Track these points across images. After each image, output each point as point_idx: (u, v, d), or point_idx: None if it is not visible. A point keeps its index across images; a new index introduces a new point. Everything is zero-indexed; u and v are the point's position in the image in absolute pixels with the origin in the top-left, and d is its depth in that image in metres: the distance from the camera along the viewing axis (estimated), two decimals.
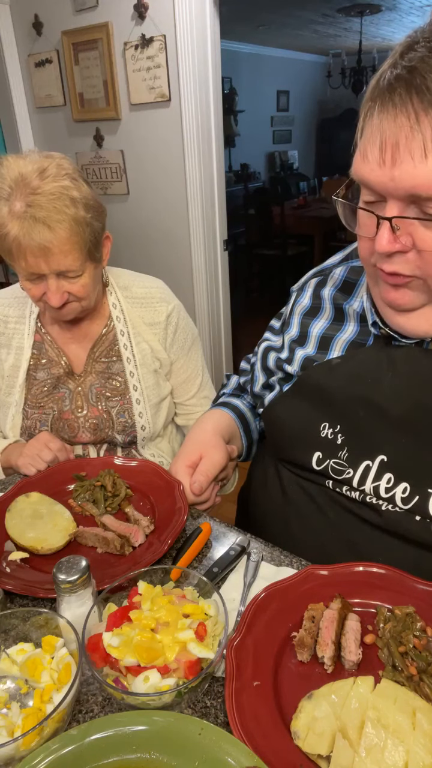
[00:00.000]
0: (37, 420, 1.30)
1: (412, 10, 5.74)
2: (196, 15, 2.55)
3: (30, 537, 0.93)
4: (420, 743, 0.55)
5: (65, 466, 1.16)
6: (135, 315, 1.35)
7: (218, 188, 2.97)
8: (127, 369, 1.32)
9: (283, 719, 0.61)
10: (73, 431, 1.31)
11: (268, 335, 1.11)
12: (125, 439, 1.33)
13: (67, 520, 0.98)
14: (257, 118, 7.53)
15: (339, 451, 0.85)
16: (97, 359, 1.33)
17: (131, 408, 1.32)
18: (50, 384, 1.31)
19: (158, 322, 1.36)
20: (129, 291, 1.37)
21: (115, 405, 1.32)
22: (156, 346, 1.36)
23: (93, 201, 1.17)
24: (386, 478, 0.80)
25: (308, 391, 0.90)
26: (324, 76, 7.11)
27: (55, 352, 1.32)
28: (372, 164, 0.64)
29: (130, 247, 3.33)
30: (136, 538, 0.94)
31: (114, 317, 1.34)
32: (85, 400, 1.31)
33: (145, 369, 1.34)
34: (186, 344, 1.43)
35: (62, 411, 1.31)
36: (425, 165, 0.59)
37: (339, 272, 0.96)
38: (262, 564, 0.87)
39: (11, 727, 0.62)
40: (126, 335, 1.33)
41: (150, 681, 0.64)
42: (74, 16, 2.92)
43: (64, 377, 1.32)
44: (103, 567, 0.89)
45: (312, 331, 0.96)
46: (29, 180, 1.09)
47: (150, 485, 1.08)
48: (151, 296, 1.37)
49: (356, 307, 0.91)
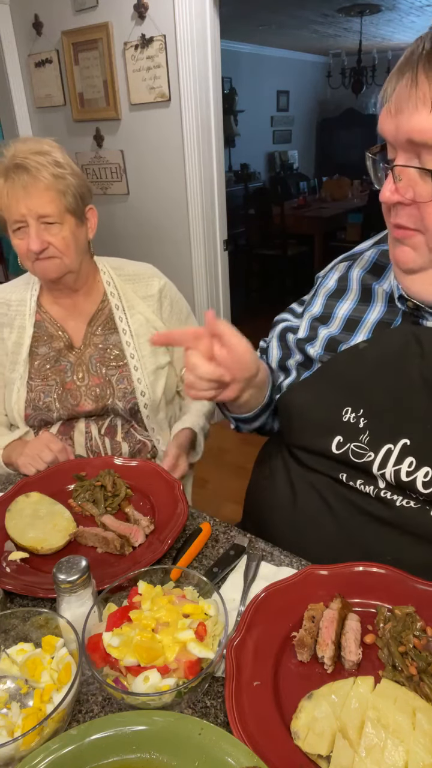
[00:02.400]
0: (41, 392, 1.37)
1: (412, 10, 5.74)
2: (196, 15, 2.55)
3: (30, 537, 0.93)
4: (420, 743, 0.55)
5: (65, 466, 1.16)
6: (128, 290, 1.45)
7: (218, 188, 2.97)
8: (123, 339, 1.41)
9: (283, 719, 0.61)
10: (76, 399, 1.37)
11: (287, 316, 1.11)
12: (126, 405, 1.38)
13: (67, 520, 0.98)
14: (257, 118, 7.54)
15: (361, 434, 0.85)
16: (94, 333, 1.42)
17: (130, 375, 1.39)
18: (52, 357, 1.39)
19: (151, 295, 1.46)
20: (121, 270, 1.47)
21: (114, 373, 1.39)
22: (150, 316, 1.44)
23: (77, 170, 1.30)
24: (408, 461, 0.80)
25: (332, 376, 0.90)
26: (324, 76, 7.12)
27: (55, 328, 1.41)
28: (384, 114, 0.72)
29: (130, 247, 3.33)
30: (136, 538, 0.94)
31: (108, 293, 1.43)
32: (86, 371, 1.39)
33: (141, 339, 1.42)
34: (182, 315, 1.53)
35: (65, 381, 1.38)
36: (418, 114, 0.67)
37: (369, 255, 0.97)
38: (262, 564, 0.87)
39: (11, 727, 0.62)
40: (121, 309, 1.43)
41: (150, 681, 0.64)
42: (74, 16, 2.92)
43: (65, 350, 1.40)
44: (103, 567, 0.89)
45: (337, 312, 0.96)
46: (20, 146, 1.26)
47: (150, 485, 1.08)
48: (143, 273, 1.48)
49: (385, 287, 0.91)
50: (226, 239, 3.13)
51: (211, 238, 3.03)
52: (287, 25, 6.14)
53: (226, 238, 3.13)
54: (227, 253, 3.18)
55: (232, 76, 6.74)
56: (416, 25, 6.36)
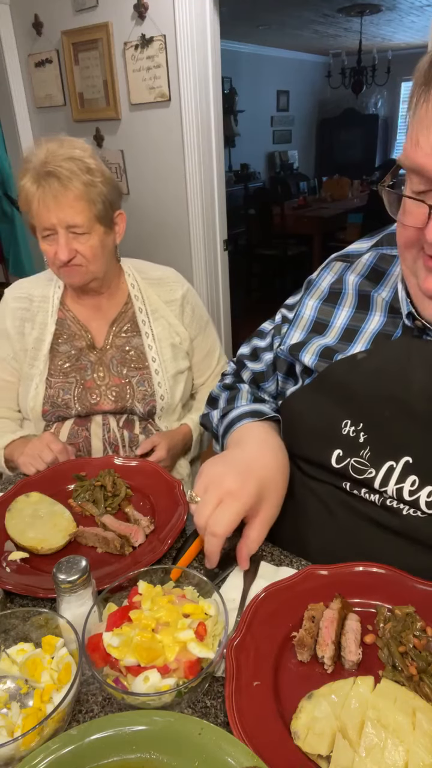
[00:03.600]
0: (60, 389, 1.37)
1: (412, 10, 5.74)
2: (196, 15, 2.55)
3: (30, 537, 0.93)
4: (420, 743, 0.55)
5: (65, 466, 1.16)
6: (152, 293, 1.46)
7: (218, 188, 2.97)
8: (146, 343, 1.42)
9: (283, 719, 0.61)
10: (96, 398, 1.38)
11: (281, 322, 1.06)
12: (145, 408, 1.39)
13: (67, 520, 0.98)
14: (257, 118, 7.54)
15: (361, 449, 0.82)
16: (117, 334, 1.43)
17: (150, 378, 1.40)
18: (73, 356, 1.40)
19: (174, 300, 1.47)
20: (145, 273, 1.48)
21: (135, 375, 1.40)
22: (173, 320, 1.46)
23: (108, 175, 1.30)
24: (410, 480, 0.77)
25: (330, 387, 0.87)
26: (324, 76, 7.12)
27: (78, 327, 1.42)
28: (426, 149, 0.62)
29: (130, 247, 3.32)
30: (136, 538, 0.94)
31: (132, 296, 1.45)
32: (107, 370, 1.40)
33: (163, 343, 1.44)
34: (203, 321, 1.55)
35: (85, 380, 1.39)
36: None
37: (366, 259, 0.92)
38: (262, 564, 0.87)
39: (11, 727, 0.62)
40: (144, 312, 1.44)
41: (150, 681, 0.64)
42: (74, 16, 2.92)
43: (86, 350, 1.41)
44: (103, 567, 0.89)
45: (335, 322, 0.92)
46: (53, 148, 1.24)
47: (150, 485, 1.08)
48: (167, 278, 1.50)
49: (385, 296, 0.87)
50: (226, 239, 3.13)
51: (211, 238, 3.03)
52: (287, 25, 6.14)
53: (226, 238, 3.13)
54: (227, 253, 3.18)
55: (232, 76, 6.74)
56: (416, 25, 6.37)
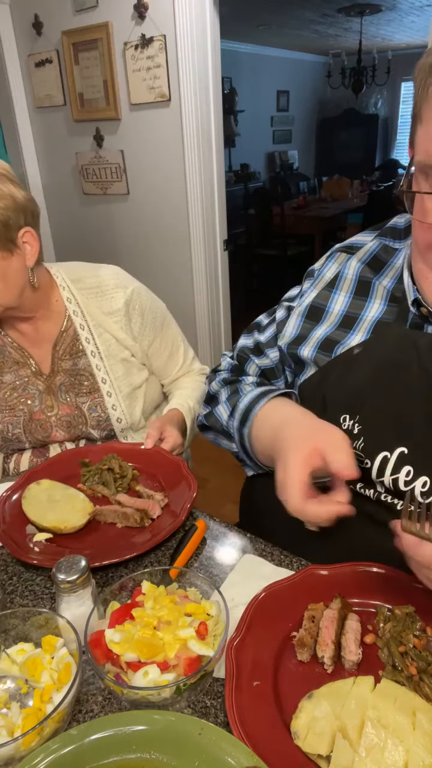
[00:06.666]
0: (9, 423, 1.27)
1: (412, 10, 5.74)
2: (196, 15, 2.55)
3: (51, 518, 0.95)
4: (420, 743, 0.55)
5: (66, 456, 1.18)
6: (92, 306, 1.29)
7: (218, 188, 2.97)
8: (93, 363, 1.28)
9: (283, 719, 0.61)
10: (46, 431, 1.29)
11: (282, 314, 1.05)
12: (101, 434, 1.31)
13: (83, 501, 1.00)
14: (257, 118, 7.53)
15: (355, 441, 0.82)
16: (61, 358, 1.29)
17: (103, 402, 1.28)
18: (19, 386, 1.28)
19: (117, 310, 1.30)
20: (82, 283, 1.30)
21: (86, 401, 1.29)
22: (120, 334, 1.31)
23: (5, 191, 1.09)
24: (405, 470, 0.78)
25: (330, 381, 0.87)
26: (324, 76, 7.10)
27: (19, 354, 1.29)
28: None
29: (130, 247, 3.33)
30: (154, 511, 0.98)
31: (71, 312, 1.28)
32: (55, 399, 1.29)
33: (112, 360, 1.30)
34: (157, 323, 1.36)
35: (33, 412, 1.28)
36: None
37: (370, 246, 0.93)
38: (262, 564, 0.87)
39: (11, 727, 0.62)
40: (86, 329, 1.28)
41: (149, 676, 0.64)
42: (74, 16, 2.92)
43: (33, 378, 1.29)
44: (126, 538, 0.94)
45: (332, 307, 0.92)
46: None
47: (155, 464, 1.12)
48: (105, 284, 1.31)
49: (387, 284, 0.88)
50: (226, 239, 3.13)
51: (211, 238, 3.03)
52: (287, 25, 6.14)
53: (226, 238, 3.13)
54: (227, 253, 3.18)
55: (232, 76, 6.74)
56: (416, 25, 6.36)
